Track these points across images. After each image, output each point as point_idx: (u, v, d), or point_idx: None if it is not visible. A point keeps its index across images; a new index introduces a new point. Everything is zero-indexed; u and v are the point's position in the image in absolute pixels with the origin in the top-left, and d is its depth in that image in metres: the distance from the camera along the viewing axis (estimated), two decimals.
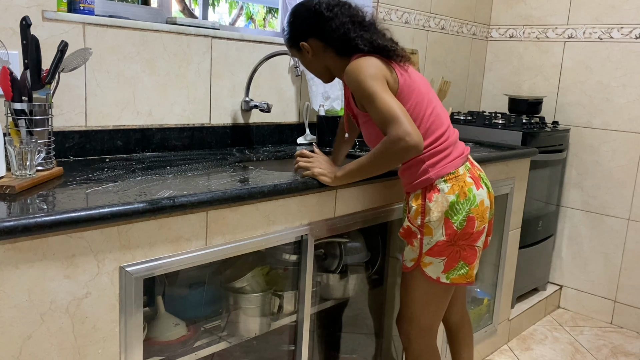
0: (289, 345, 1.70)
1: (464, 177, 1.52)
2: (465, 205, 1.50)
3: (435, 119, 1.51)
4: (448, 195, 1.49)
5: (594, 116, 3.02)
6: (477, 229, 1.53)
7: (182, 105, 1.89)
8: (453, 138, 1.56)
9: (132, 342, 1.21)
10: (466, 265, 1.55)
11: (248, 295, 1.64)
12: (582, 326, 3.00)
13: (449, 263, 1.53)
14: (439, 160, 1.50)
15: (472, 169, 1.57)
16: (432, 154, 1.50)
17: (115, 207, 1.11)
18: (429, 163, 1.50)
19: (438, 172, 1.50)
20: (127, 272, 1.17)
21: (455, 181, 1.50)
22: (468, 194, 1.51)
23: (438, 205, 1.49)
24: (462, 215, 1.49)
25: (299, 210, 1.53)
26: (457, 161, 1.53)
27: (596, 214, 3.06)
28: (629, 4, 2.86)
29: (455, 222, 1.49)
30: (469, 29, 3.20)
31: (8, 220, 0.98)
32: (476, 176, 1.57)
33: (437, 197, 1.49)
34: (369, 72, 1.42)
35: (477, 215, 1.52)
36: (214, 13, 6.69)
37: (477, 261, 1.58)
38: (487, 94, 3.43)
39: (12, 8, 1.47)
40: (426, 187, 1.51)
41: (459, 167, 1.52)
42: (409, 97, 1.47)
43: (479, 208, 1.52)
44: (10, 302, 1.02)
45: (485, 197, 1.55)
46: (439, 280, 1.55)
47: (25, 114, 1.31)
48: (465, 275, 1.55)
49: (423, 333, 1.64)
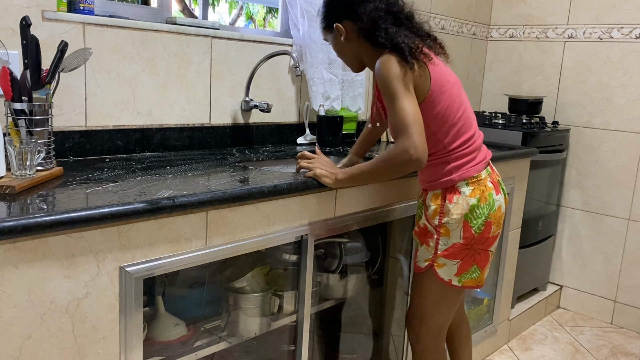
0: (289, 345, 1.70)
1: (486, 182, 1.52)
2: (485, 210, 1.50)
3: (466, 121, 1.51)
4: (469, 198, 1.49)
5: (594, 116, 3.02)
6: (493, 234, 1.53)
7: (182, 105, 1.89)
8: (479, 141, 1.56)
9: (132, 342, 1.21)
10: (478, 270, 1.55)
11: (248, 295, 1.64)
12: (582, 326, 3.00)
13: (463, 266, 1.53)
14: (465, 163, 1.50)
15: (493, 174, 1.58)
16: (459, 156, 1.49)
17: (115, 207, 1.11)
18: (454, 165, 1.49)
19: (462, 174, 1.49)
20: (127, 272, 1.17)
21: (477, 185, 1.50)
22: (489, 198, 1.50)
23: (458, 207, 1.49)
24: (482, 220, 1.49)
25: (299, 210, 1.53)
26: (480, 165, 1.52)
27: (596, 214, 3.06)
28: (629, 4, 2.86)
29: (474, 226, 1.49)
30: (469, 28, 3.20)
31: (8, 220, 0.98)
32: (495, 181, 1.57)
33: (457, 199, 1.49)
34: (396, 71, 1.38)
35: (495, 221, 1.52)
36: (214, 13, 6.69)
37: (489, 265, 1.58)
38: (487, 94, 3.43)
39: (12, 8, 1.47)
40: (447, 188, 1.51)
41: (481, 171, 1.52)
42: (440, 98, 1.45)
43: (497, 213, 1.52)
44: (10, 302, 1.02)
45: (502, 203, 1.56)
46: (450, 282, 1.54)
47: (25, 114, 1.31)
48: (476, 280, 1.56)
49: (432, 334, 1.64)
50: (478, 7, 3.23)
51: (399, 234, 2.03)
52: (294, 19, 2.18)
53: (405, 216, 1.90)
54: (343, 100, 2.38)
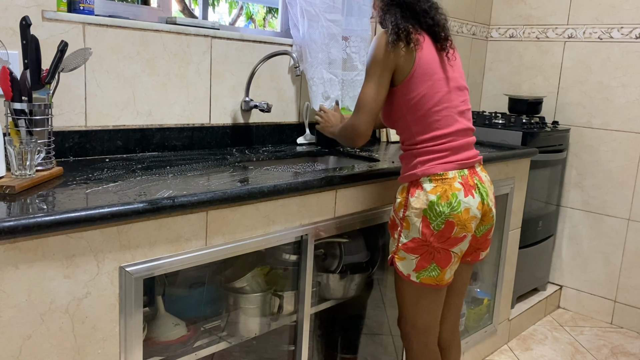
0: (289, 345, 1.70)
1: (452, 182, 1.50)
2: (445, 209, 1.48)
3: (442, 119, 1.51)
4: (430, 194, 1.49)
5: (594, 116, 3.02)
6: (456, 235, 1.50)
7: (182, 105, 1.89)
8: (457, 144, 1.53)
9: (132, 342, 1.21)
10: (438, 268, 1.53)
11: (248, 295, 1.64)
12: (582, 326, 3.00)
13: (421, 262, 1.53)
14: (431, 159, 1.52)
15: (469, 177, 1.53)
16: (425, 152, 1.52)
17: (115, 207, 1.11)
18: (420, 160, 1.53)
19: (425, 170, 1.51)
20: (127, 272, 1.17)
21: (440, 183, 1.50)
22: (451, 198, 1.48)
23: (418, 201, 1.50)
24: (441, 218, 1.48)
25: (299, 210, 1.53)
26: (449, 165, 1.51)
27: (596, 214, 3.06)
28: (629, 4, 2.86)
29: (432, 222, 1.49)
30: (469, 29, 3.20)
31: (8, 220, 0.98)
32: (470, 184, 1.52)
33: (418, 194, 1.51)
34: (378, 53, 1.50)
35: (458, 222, 1.49)
36: (213, 13, 6.69)
37: (451, 267, 1.55)
38: (487, 94, 3.43)
39: (12, 8, 1.47)
40: (412, 182, 1.54)
41: (449, 171, 1.51)
42: (419, 84, 1.50)
43: (462, 216, 1.49)
44: (10, 302, 1.02)
45: (473, 207, 1.51)
46: (409, 277, 1.55)
47: (25, 114, 1.31)
48: (435, 278, 1.54)
49: (419, 333, 1.64)
50: (478, 7, 3.23)
51: None
52: (294, 19, 2.18)
53: None
54: (343, 100, 2.38)
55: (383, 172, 1.75)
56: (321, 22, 2.18)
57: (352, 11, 2.37)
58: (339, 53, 2.30)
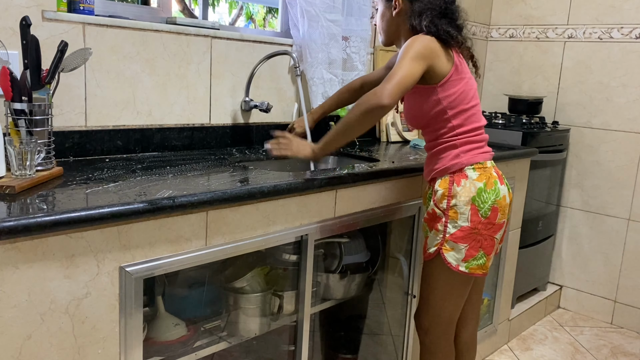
0: (289, 345, 1.70)
1: (491, 171, 1.59)
2: (491, 195, 1.55)
3: (477, 113, 1.60)
4: (476, 182, 1.55)
5: (594, 116, 3.02)
6: (499, 221, 1.57)
7: (182, 105, 1.89)
8: (486, 137, 1.65)
9: (132, 342, 1.21)
10: (485, 256, 1.57)
11: (248, 295, 1.64)
12: (582, 326, 3.00)
13: (470, 251, 1.55)
14: (473, 149, 1.58)
15: (497, 168, 1.64)
16: (466, 142, 1.58)
17: (115, 207, 1.11)
18: (462, 149, 1.57)
19: (470, 158, 1.57)
20: (127, 272, 1.17)
21: (483, 171, 1.57)
22: (494, 185, 1.57)
23: (466, 190, 1.54)
24: (488, 204, 1.54)
25: (299, 210, 1.53)
26: (487, 155, 1.62)
27: (596, 214, 3.06)
28: (629, 4, 2.86)
29: (481, 209, 1.54)
30: (469, 29, 3.20)
31: (8, 220, 0.98)
32: (500, 174, 1.63)
33: (465, 183, 1.55)
34: (424, 43, 1.49)
35: (500, 208, 1.56)
36: (213, 13, 6.68)
37: (493, 254, 1.61)
38: (487, 94, 3.43)
39: (12, 8, 1.47)
40: (454, 172, 1.57)
41: (487, 160, 1.60)
42: (458, 82, 1.55)
43: (502, 202, 1.57)
44: (10, 302, 1.02)
45: (507, 194, 1.61)
46: (457, 268, 1.56)
47: (25, 114, 1.31)
48: (482, 266, 1.58)
49: (441, 325, 1.65)
50: (478, 7, 3.23)
51: (399, 234, 2.03)
52: (294, 19, 2.18)
53: (405, 216, 1.90)
54: None
55: (383, 172, 1.75)
56: (321, 22, 2.18)
57: (352, 11, 2.37)
58: (339, 53, 2.30)
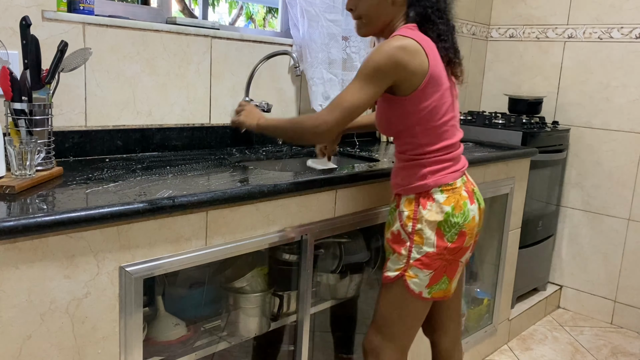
0: (289, 345, 1.70)
1: (460, 191, 1.47)
2: (459, 219, 1.44)
3: (450, 128, 1.46)
4: (444, 205, 1.44)
5: (594, 116, 3.02)
6: (466, 245, 1.47)
7: (182, 105, 1.89)
8: (459, 151, 1.52)
9: (132, 342, 1.21)
10: (447, 280, 1.48)
11: (248, 295, 1.64)
12: (582, 326, 3.00)
13: (435, 277, 1.45)
14: (441, 169, 1.45)
15: (467, 183, 1.52)
16: (435, 162, 1.45)
17: (115, 207, 1.11)
18: (430, 169, 1.44)
19: (437, 180, 1.44)
20: (127, 272, 1.17)
21: (452, 193, 1.45)
22: (463, 207, 1.45)
23: (432, 214, 1.43)
24: (455, 229, 1.44)
25: (299, 210, 1.53)
26: (457, 174, 1.48)
27: (596, 214, 3.06)
28: (629, 4, 2.86)
29: (447, 234, 1.43)
30: (469, 29, 3.20)
31: (8, 220, 0.98)
32: (470, 191, 1.51)
33: (431, 206, 1.44)
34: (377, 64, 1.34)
35: (468, 231, 1.46)
36: (213, 13, 6.69)
37: (456, 276, 1.52)
38: (487, 94, 3.43)
39: (12, 8, 1.47)
40: (421, 193, 1.45)
41: (457, 180, 1.47)
42: (431, 94, 1.39)
43: (471, 224, 1.47)
44: (10, 302, 1.02)
45: (476, 214, 1.50)
46: (420, 295, 1.46)
47: (25, 114, 1.31)
48: (445, 290, 1.49)
49: (396, 352, 1.54)
50: (478, 7, 3.23)
51: None
52: (294, 19, 2.18)
53: None
54: None
55: (383, 172, 1.75)
56: (321, 22, 2.18)
57: None
58: (339, 53, 2.30)
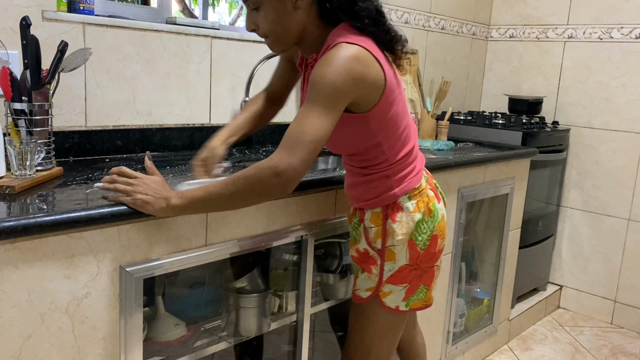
0: (289, 345, 1.70)
1: (426, 191, 1.36)
2: (430, 224, 1.34)
3: (409, 130, 1.33)
4: (414, 214, 1.32)
5: (594, 116, 3.02)
6: (439, 247, 1.37)
7: (182, 105, 1.89)
8: (417, 152, 1.39)
9: (132, 342, 1.21)
10: (425, 289, 1.39)
11: (248, 295, 1.64)
12: (582, 326, 3.00)
13: (410, 289, 1.36)
14: (406, 175, 1.32)
15: (429, 179, 1.42)
16: (400, 168, 1.32)
17: (115, 207, 1.11)
18: (395, 178, 1.31)
19: (404, 187, 1.31)
20: (127, 272, 1.17)
21: (419, 197, 1.33)
22: (433, 209, 1.35)
23: (403, 226, 1.31)
24: (427, 235, 1.33)
25: (299, 210, 1.53)
26: (419, 174, 1.36)
27: (596, 214, 3.06)
28: (629, 4, 2.86)
29: (419, 243, 1.32)
30: (469, 29, 3.20)
31: (8, 220, 0.98)
32: (433, 187, 1.41)
33: (401, 217, 1.31)
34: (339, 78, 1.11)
35: (440, 233, 1.36)
36: (214, 13, 6.68)
37: (436, 281, 1.42)
38: (487, 94, 3.43)
39: (12, 8, 1.47)
40: (388, 205, 1.32)
41: (421, 180, 1.36)
42: (392, 101, 1.23)
43: (441, 224, 1.37)
44: (10, 302, 1.02)
45: (444, 211, 1.39)
46: (397, 309, 1.38)
47: (25, 114, 1.31)
48: (423, 300, 1.40)
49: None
50: (478, 7, 3.23)
51: None
52: None
53: None
54: None
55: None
56: None
57: None
58: None
